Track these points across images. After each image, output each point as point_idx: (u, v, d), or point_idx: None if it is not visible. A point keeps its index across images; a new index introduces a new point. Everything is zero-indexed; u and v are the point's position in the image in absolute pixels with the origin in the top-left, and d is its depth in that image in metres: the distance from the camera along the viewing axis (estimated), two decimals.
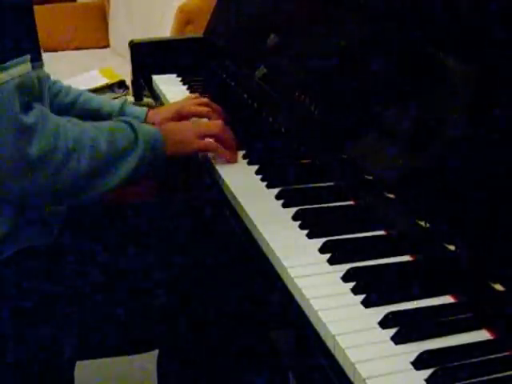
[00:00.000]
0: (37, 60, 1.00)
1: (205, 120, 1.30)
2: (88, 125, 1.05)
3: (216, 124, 1.21)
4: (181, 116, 1.32)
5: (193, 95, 1.52)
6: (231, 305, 1.04)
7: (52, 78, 1.33)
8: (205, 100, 1.39)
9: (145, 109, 1.38)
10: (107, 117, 1.32)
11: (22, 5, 0.97)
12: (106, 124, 1.10)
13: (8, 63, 0.91)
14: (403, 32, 1.08)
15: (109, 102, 1.38)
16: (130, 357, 1.21)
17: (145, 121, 1.33)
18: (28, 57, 0.95)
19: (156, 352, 1.26)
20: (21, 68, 0.92)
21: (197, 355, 1.08)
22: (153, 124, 1.27)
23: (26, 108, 0.93)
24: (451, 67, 0.95)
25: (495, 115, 0.85)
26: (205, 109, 1.33)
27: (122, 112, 1.33)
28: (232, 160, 1.18)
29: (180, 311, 1.05)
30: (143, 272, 1.06)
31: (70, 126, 1.01)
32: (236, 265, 1.09)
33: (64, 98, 1.32)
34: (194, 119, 1.32)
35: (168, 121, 1.30)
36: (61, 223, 1.10)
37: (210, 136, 1.19)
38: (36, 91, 0.98)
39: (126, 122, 1.10)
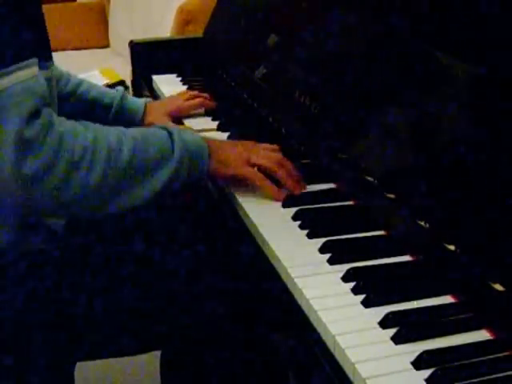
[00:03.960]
0: (47, 61, 0.99)
1: (263, 146, 1.12)
2: (114, 132, 0.95)
3: (275, 156, 1.08)
4: (176, 117, 1.40)
5: (183, 92, 1.55)
6: (231, 305, 1.04)
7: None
8: (193, 93, 1.49)
9: (143, 100, 1.43)
10: (106, 107, 1.34)
11: (28, 6, 0.94)
12: (140, 131, 0.99)
13: (11, 67, 0.86)
14: (404, 31, 1.08)
15: (108, 92, 1.39)
16: (131, 357, 1.21)
17: (143, 113, 1.40)
18: (35, 60, 0.90)
19: (157, 353, 1.26)
20: (26, 72, 0.87)
21: (198, 356, 1.08)
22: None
23: (32, 115, 0.87)
24: (451, 67, 0.95)
25: (495, 115, 0.85)
26: (195, 101, 1.44)
27: (122, 103, 1.36)
28: (278, 197, 1.04)
29: (181, 311, 1.05)
30: (144, 272, 1.06)
31: (84, 133, 0.91)
32: (236, 265, 1.09)
33: (64, 86, 1.32)
34: (253, 143, 1.12)
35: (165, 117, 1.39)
36: (64, 226, 1.09)
37: (265, 168, 1.06)
38: (46, 95, 0.91)
39: (165, 129, 1.02)
